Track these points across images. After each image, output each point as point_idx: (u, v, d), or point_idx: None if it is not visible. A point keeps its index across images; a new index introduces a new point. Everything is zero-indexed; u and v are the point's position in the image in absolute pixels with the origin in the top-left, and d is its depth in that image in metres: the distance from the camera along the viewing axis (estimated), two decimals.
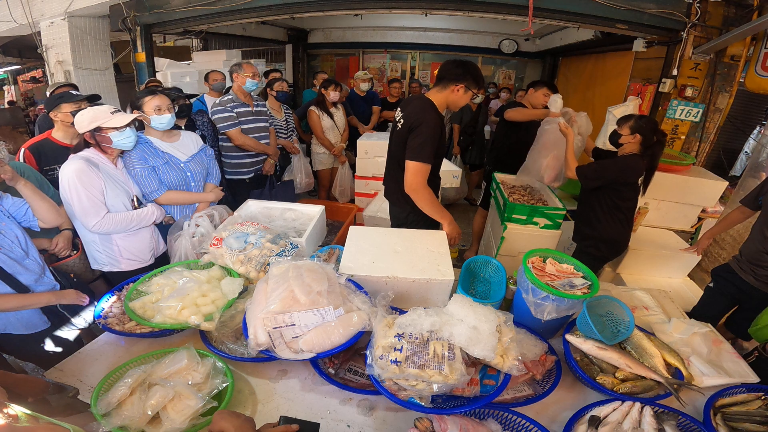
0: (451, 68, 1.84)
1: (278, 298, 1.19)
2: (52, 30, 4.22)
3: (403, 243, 1.69)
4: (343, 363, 1.29)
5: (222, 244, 1.62)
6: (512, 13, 3.22)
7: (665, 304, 1.74)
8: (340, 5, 3.54)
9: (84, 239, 1.83)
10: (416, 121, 1.80)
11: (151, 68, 4.37)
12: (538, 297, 1.32)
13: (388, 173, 2.19)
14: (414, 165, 1.80)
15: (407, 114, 1.89)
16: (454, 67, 1.84)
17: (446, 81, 1.85)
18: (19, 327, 1.53)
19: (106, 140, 1.70)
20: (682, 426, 1.12)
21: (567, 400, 1.23)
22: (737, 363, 1.36)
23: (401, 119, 1.94)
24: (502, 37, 6.62)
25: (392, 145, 2.07)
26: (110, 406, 1.03)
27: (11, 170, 1.48)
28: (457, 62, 1.85)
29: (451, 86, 1.84)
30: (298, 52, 7.32)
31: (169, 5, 3.86)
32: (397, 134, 1.95)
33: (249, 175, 2.97)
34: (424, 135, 1.77)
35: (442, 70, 1.89)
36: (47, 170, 2.04)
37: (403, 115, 1.92)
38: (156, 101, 1.90)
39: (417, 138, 1.79)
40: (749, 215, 2.08)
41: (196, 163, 2.09)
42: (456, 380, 1.04)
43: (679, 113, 3.28)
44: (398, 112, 2.01)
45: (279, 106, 3.45)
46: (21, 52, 7.49)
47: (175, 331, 1.36)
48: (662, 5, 3.02)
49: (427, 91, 2.02)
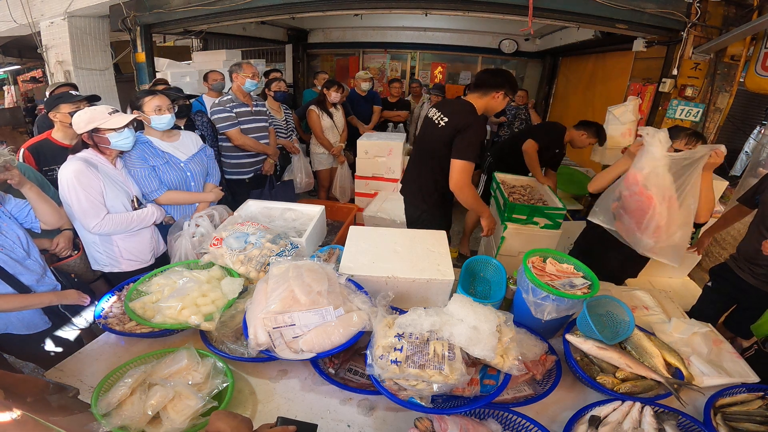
0: (490, 77, 1.99)
1: (278, 298, 1.19)
2: (52, 30, 4.22)
3: (403, 243, 1.69)
4: (343, 363, 1.29)
5: (222, 244, 1.62)
6: (512, 13, 3.21)
7: (665, 304, 1.74)
8: (340, 5, 3.54)
9: (84, 240, 1.83)
10: (465, 123, 1.91)
11: (151, 68, 4.36)
12: (538, 297, 1.32)
13: (413, 169, 2.23)
14: (461, 164, 1.91)
15: (452, 115, 1.98)
16: (493, 76, 1.98)
17: (486, 88, 1.97)
18: (21, 327, 1.53)
19: (104, 141, 1.69)
20: (682, 426, 1.12)
21: (567, 400, 1.23)
22: (737, 363, 1.36)
23: (441, 119, 2.01)
24: (502, 37, 6.62)
25: (427, 142, 2.13)
26: (110, 406, 1.03)
27: (19, 174, 1.49)
28: (495, 71, 2.02)
29: (491, 93, 1.97)
30: (298, 52, 7.32)
31: (169, 5, 3.86)
32: (438, 132, 2.01)
33: (248, 175, 2.97)
34: (473, 137, 1.90)
35: (480, 78, 2.02)
36: (46, 171, 2.04)
37: (446, 116, 2.00)
38: (156, 101, 1.90)
39: (465, 139, 1.90)
40: (747, 213, 2.07)
41: (196, 162, 2.09)
42: (456, 380, 1.04)
43: (679, 113, 3.28)
44: (435, 112, 2.09)
45: (279, 106, 3.45)
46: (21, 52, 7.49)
47: (175, 331, 1.36)
48: (662, 5, 3.02)
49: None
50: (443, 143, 1.97)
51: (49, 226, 1.63)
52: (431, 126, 2.08)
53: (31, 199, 1.54)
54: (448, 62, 7.25)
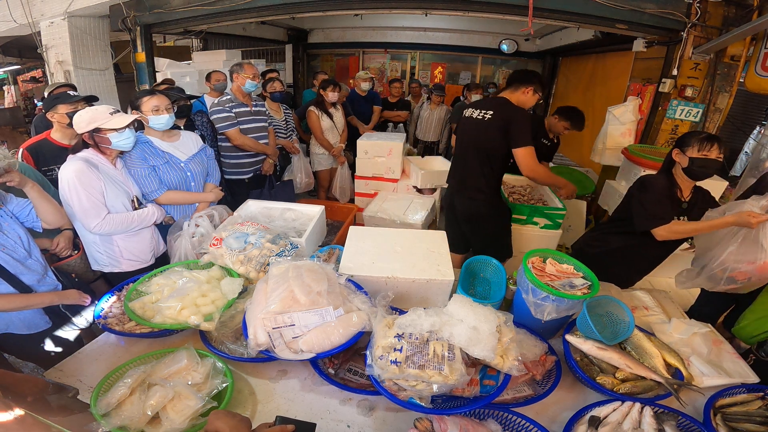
0: (521, 74, 2.16)
1: (278, 298, 1.19)
2: (52, 30, 4.22)
3: (403, 243, 1.69)
4: (342, 363, 1.29)
5: (222, 244, 1.62)
6: (512, 13, 3.22)
7: (665, 304, 1.74)
8: (340, 5, 3.54)
9: (84, 240, 1.82)
10: (512, 114, 2.05)
11: (151, 68, 4.36)
12: (538, 297, 1.32)
13: (463, 167, 2.31)
14: (524, 150, 2.05)
15: (495, 108, 2.12)
16: (523, 73, 2.16)
17: (517, 84, 2.12)
18: (22, 327, 1.53)
19: (105, 141, 1.69)
20: (682, 426, 1.12)
21: (567, 401, 1.23)
22: (737, 363, 1.36)
23: (485, 114, 2.14)
24: (502, 37, 6.62)
25: (474, 139, 2.20)
26: (110, 406, 1.03)
27: (20, 175, 1.49)
28: (526, 70, 2.20)
29: (522, 88, 2.11)
30: (298, 52, 7.32)
31: (169, 5, 3.86)
32: (485, 125, 2.13)
33: (248, 175, 2.97)
34: (522, 123, 2.04)
35: (512, 76, 2.19)
36: (45, 171, 2.04)
37: (490, 110, 2.14)
38: (154, 101, 1.89)
39: (517, 127, 2.03)
40: None
41: (196, 163, 2.09)
42: (456, 380, 1.04)
43: (679, 113, 3.28)
44: (474, 110, 2.22)
45: (278, 107, 3.45)
46: (21, 52, 7.48)
47: (175, 331, 1.36)
48: (662, 5, 3.01)
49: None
50: (491, 135, 2.10)
51: (51, 225, 1.63)
52: (475, 123, 2.18)
53: (33, 198, 1.54)
54: (448, 62, 7.25)
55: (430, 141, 5.20)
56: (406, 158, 3.58)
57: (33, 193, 1.54)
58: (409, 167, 3.48)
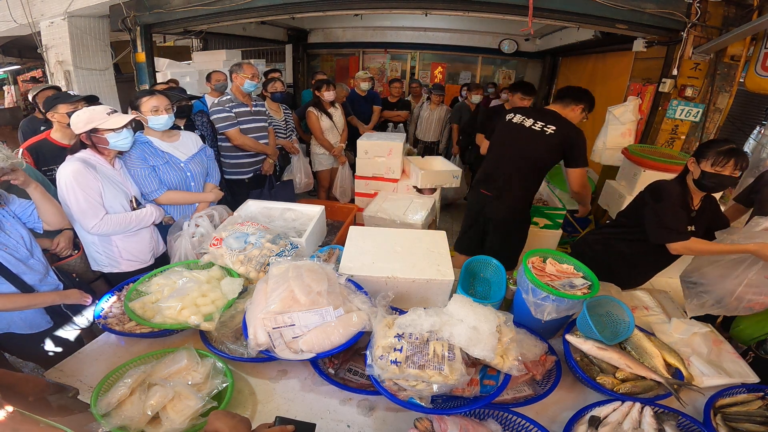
0: (574, 91, 2.20)
1: (278, 298, 1.19)
2: (52, 30, 4.22)
3: (403, 243, 1.69)
4: (343, 363, 1.29)
5: (222, 244, 1.62)
6: (512, 13, 3.21)
7: (665, 304, 1.74)
8: (340, 5, 3.54)
9: (83, 240, 1.82)
10: (575, 135, 2.10)
11: (151, 68, 4.36)
12: (538, 297, 1.32)
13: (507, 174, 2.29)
14: (580, 171, 2.16)
15: (558, 124, 2.13)
16: (577, 91, 2.20)
17: (569, 100, 2.17)
18: (23, 326, 1.53)
19: (102, 141, 1.69)
20: (682, 426, 1.12)
21: (567, 401, 1.23)
22: (737, 363, 1.36)
23: (546, 127, 2.14)
24: (502, 37, 6.62)
25: (529, 149, 2.20)
26: (110, 406, 1.03)
27: (24, 174, 1.48)
28: (580, 88, 2.22)
29: (572, 105, 2.16)
30: (298, 52, 7.32)
31: (169, 5, 3.86)
32: (546, 139, 2.14)
33: (248, 175, 2.97)
34: (584, 145, 2.12)
35: (565, 92, 2.23)
36: (45, 171, 2.04)
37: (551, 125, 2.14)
38: (153, 102, 1.89)
39: (580, 149, 2.11)
40: (744, 212, 2.06)
41: (196, 163, 2.09)
42: (456, 380, 1.04)
43: (679, 113, 3.28)
44: (531, 120, 2.20)
45: (278, 107, 3.45)
46: (21, 52, 7.48)
47: (175, 331, 1.36)
48: (662, 5, 3.01)
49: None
50: (549, 149, 2.14)
51: (52, 226, 1.63)
52: (530, 132, 2.17)
53: (36, 199, 1.54)
54: (448, 62, 7.25)
55: (430, 141, 5.20)
56: (406, 158, 3.58)
57: (36, 194, 1.53)
58: (409, 167, 3.48)
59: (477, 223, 2.50)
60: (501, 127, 2.36)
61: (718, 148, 1.62)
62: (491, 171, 2.37)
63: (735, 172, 1.61)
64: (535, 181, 2.29)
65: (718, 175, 1.61)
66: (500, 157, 2.34)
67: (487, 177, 2.38)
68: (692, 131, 3.36)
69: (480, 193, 2.41)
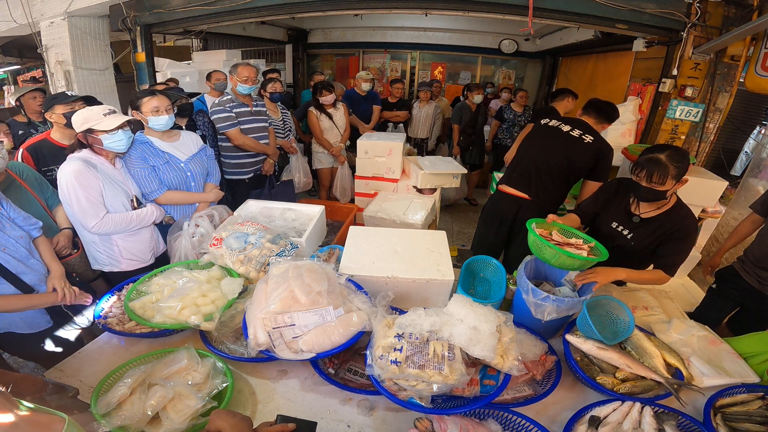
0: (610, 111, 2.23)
1: (278, 298, 1.19)
2: (52, 30, 4.22)
3: (403, 243, 1.69)
4: (343, 363, 1.29)
5: (222, 244, 1.62)
6: (512, 13, 3.21)
7: (665, 304, 1.74)
8: (340, 5, 3.53)
9: (84, 239, 1.82)
10: (607, 151, 2.13)
11: (151, 68, 4.36)
12: (538, 297, 1.33)
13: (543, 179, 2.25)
14: (598, 185, 2.07)
15: (596, 136, 2.15)
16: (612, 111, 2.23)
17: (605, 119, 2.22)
18: (23, 326, 1.53)
19: (97, 142, 1.69)
20: (682, 426, 1.12)
21: (567, 401, 1.23)
22: (737, 363, 1.35)
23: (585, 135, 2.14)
24: (502, 37, 6.62)
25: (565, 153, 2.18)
26: (110, 406, 1.03)
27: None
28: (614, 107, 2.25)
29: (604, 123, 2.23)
30: (298, 52, 7.32)
31: (169, 5, 3.86)
32: (583, 147, 2.13)
33: (248, 175, 2.97)
34: (610, 163, 2.16)
35: (603, 109, 2.22)
36: (45, 171, 2.04)
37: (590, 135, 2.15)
38: (154, 102, 1.89)
39: (606, 164, 2.14)
40: (760, 224, 2.01)
41: (196, 163, 2.08)
42: (456, 380, 1.04)
43: (679, 113, 3.28)
44: (563, 125, 2.20)
45: (275, 106, 3.44)
46: (21, 52, 7.47)
47: (175, 331, 1.36)
48: (662, 5, 3.01)
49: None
50: (585, 157, 2.14)
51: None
52: (568, 138, 2.16)
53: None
54: (448, 62, 7.25)
55: (420, 138, 5.18)
56: (406, 158, 3.57)
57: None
58: (409, 167, 3.48)
59: (503, 224, 2.39)
60: (537, 131, 2.33)
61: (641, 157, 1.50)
62: (526, 172, 2.27)
63: (651, 184, 1.46)
64: (568, 187, 2.27)
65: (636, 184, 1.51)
66: (538, 159, 2.25)
67: (522, 178, 2.29)
68: (692, 131, 3.36)
69: (511, 196, 2.32)
